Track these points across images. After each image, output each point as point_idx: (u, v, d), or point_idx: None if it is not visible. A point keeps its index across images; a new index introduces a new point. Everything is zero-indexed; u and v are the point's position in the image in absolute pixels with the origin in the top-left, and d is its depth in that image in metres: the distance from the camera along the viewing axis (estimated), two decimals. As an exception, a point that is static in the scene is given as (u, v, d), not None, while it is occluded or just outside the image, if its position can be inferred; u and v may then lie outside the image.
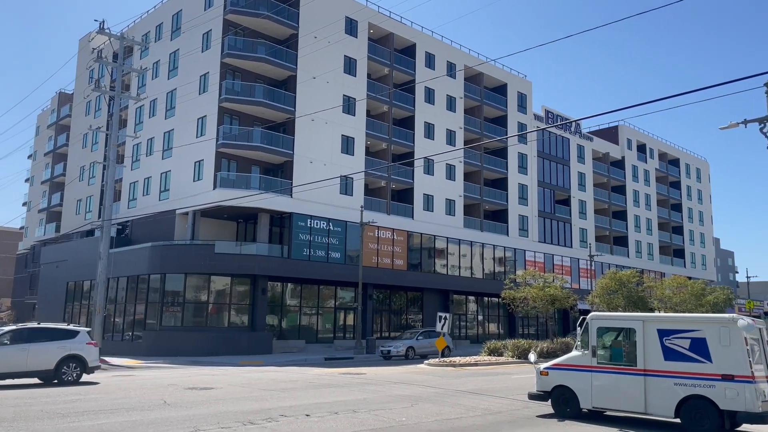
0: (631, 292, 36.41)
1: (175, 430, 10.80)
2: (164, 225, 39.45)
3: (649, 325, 12.26)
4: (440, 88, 49.34)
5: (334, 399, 15.27)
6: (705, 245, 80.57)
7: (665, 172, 74.88)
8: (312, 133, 40.28)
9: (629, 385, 12.15)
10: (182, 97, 40.99)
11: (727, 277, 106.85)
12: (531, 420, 12.75)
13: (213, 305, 36.64)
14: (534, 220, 56.33)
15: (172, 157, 41.27)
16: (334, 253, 40.77)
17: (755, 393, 10.86)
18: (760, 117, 19.39)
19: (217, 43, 39.16)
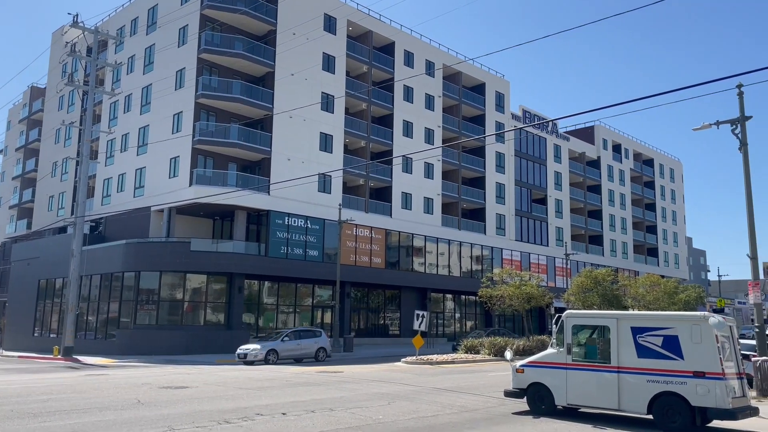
0: (606, 290, 36.88)
1: (150, 430, 10.66)
2: (139, 222, 38.94)
3: (623, 322, 12.41)
4: (419, 86, 49.43)
5: (311, 397, 15.21)
6: (678, 244, 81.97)
7: (640, 172, 75.98)
8: (290, 130, 40.07)
9: (603, 382, 12.29)
10: (158, 93, 40.46)
11: (699, 275, 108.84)
12: (507, 417, 12.84)
13: (188, 303, 36.27)
14: (511, 219, 56.77)
15: (147, 154, 40.73)
16: (312, 251, 40.62)
17: (726, 389, 11.06)
18: (732, 118, 19.78)
19: (194, 39, 38.72)
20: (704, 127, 20.76)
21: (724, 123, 20.08)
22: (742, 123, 19.51)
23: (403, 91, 48.43)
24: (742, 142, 19.45)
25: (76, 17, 29.65)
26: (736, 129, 19.61)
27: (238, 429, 10.88)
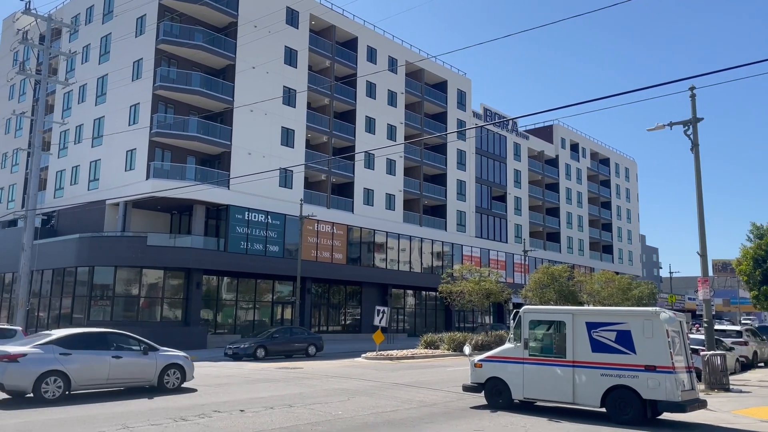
0: (563, 286, 37.65)
1: (104, 428, 10.43)
2: (93, 216, 37.93)
3: (578, 318, 12.68)
4: (382, 82, 49.43)
5: (270, 394, 15.10)
6: (632, 242, 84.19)
7: (596, 171, 77.69)
8: (251, 124, 39.58)
9: (558, 376, 12.54)
10: (114, 84, 39.43)
11: (652, 272, 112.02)
12: (465, 411, 12.99)
13: (145, 299, 35.54)
14: (471, 216, 57.36)
15: (102, 146, 39.69)
16: (273, 246, 40.28)
17: (675, 383, 11.41)
18: (685, 120, 20.36)
19: (152, 29, 37.84)
20: (658, 127, 21.30)
21: (677, 124, 20.63)
22: (694, 124, 20.09)
23: (366, 87, 48.36)
24: (694, 143, 20.04)
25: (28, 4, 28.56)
26: (689, 130, 20.19)
27: (195, 426, 10.73)
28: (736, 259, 27.95)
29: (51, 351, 14.04)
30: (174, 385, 15.88)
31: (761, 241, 26.08)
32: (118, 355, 15.07)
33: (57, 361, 13.89)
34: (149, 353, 15.83)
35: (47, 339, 14.50)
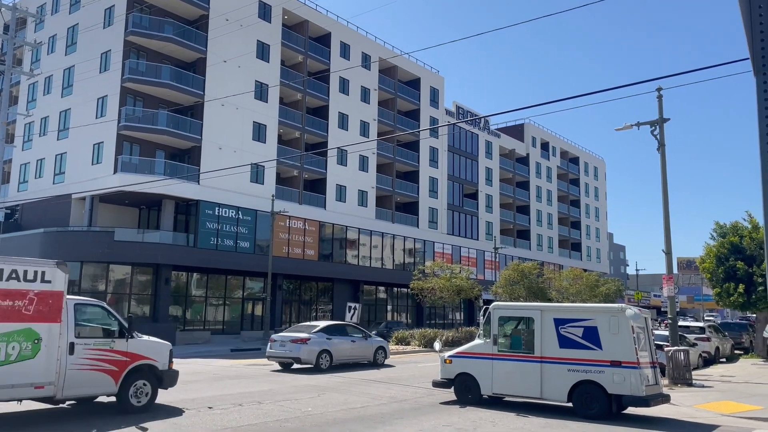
0: (532, 283, 38.14)
1: (71, 427, 10.21)
2: (59, 210, 37.12)
3: (547, 314, 12.85)
4: (355, 78, 49.31)
5: (239, 391, 14.98)
6: (600, 239, 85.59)
7: (566, 169, 78.75)
8: (222, 118, 39.13)
9: (527, 372, 12.69)
10: (81, 75, 38.59)
11: (619, 269, 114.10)
12: (434, 407, 13.06)
13: (111, 295, 34.90)
14: (443, 213, 57.65)
15: (68, 138, 38.83)
16: (243, 242, 39.92)
17: (640, 378, 11.64)
18: (652, 120, 20.75)
19: (121, 20, 37.12)
20: (626, 127, 21.68)
21: (644, 124, 21.03)
22: (660, 125, 20.49)
23: (339, 82, 48.19)
24: (660, 143, 20.44)
25: (-10, -9, 27.74)
26: (655, 130, 20.59)
27: (162, 424, 10.58)
28: (700, 257, 28.55)
29: (321, 336, 20.78)
30: (381, 361, 22.32)
31: (724, 239, 26.70)
32: (353, 339, 21.86)
33: (326, 343, 20.67)
34: (368, 339, 22.46)
35: (317, 328, 21.24)
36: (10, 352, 9.85)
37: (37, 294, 10.24)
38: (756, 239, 25.52)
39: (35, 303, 10.22)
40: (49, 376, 10.27)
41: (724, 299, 26.61)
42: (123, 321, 11.86)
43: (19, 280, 10.10)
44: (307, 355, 20.09)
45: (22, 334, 10.00)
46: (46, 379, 10.24)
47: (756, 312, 27.85)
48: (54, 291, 10.48)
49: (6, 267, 9.98)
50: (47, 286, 10.40)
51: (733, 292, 25.61)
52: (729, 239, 26.43)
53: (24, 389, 10.06)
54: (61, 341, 10.47)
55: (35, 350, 10.13)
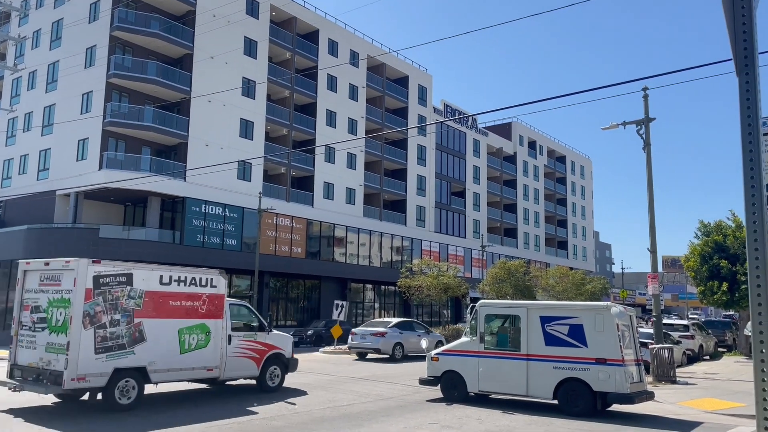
0: (519, 281, 38.30)
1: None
2: (43, 207, 36.73)
3: (533, 312, 12.91)
4: (343, 76, 49.21)
5: (225, 387, 14.91)
6: (586, 238, 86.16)
7: (553, 168, 79.16)
8: (209, 115, 38.90)
9: (513, 369, 12.75)
10: (66, 71, 38.19)
11: (605, 268, 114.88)
12: (421, 404, 13.08)
13: (97, 293, 34.59)
14: (431, 211, 57.74)
15: (52, 134, 38.43)
16: (230, 239, 39.73)
17: (624, 375, 11.74)
18: (638, 120, 20.90)
19: (107, 15, 36.76)
20: (612, 127, 21.82)
21: (630, 124, 21.17)
22: (646, 124, 20.64)
23: (327, 80, 48.06)
24: (646, 142, 20.60)
25: (-27, -16, 27.37)
26: (641, 129, 20.74)
27: (142, 421, 10.51)
28: (685, 256, 28.83)
29: (395, 331, 24.76)
30: None
31: (708, 238, 26.96)
32: (419, 334, 25.24)
33: (399, 336, 24.45)
34: (429, 333, 25.69)
35: (391, 324, 25.37)
36: (191, 342, 12.61)
37: (207, 296, 13.12)
38: (739, 238, 25.79)
39: (206, 303, 13.08)
40: (216, 361, 13.09)
41: (708, 297, 26.88)
42: (261, 318, 14.99)
43: (196, 285, 12.86)
44: (385, 346, 23.87)
45: (198, 328, 12.83)
46: (214, 364, 13.06)
47: (739, 310, 28.17)
48: (219, 294, 13.40)
49: (188, 275, 12.79)
50: (214, 290, 13.28)
51: (716, 290, 25.89)
52: (713, 238, 26.70)
53: (199, 371, 12.85)
54: (223, 334, 13.32)
55: (207, 341, 12.95)
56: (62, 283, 11.47)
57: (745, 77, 3.92)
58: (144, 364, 11.68)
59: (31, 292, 12.02)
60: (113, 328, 11.39)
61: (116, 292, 11.56)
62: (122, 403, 11.27)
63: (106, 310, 11.36)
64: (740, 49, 3.93)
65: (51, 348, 11.17)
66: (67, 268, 11.47)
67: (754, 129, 3.80)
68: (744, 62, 3.93)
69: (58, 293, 11.44)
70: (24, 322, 11.94)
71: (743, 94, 3.91)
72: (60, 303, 11.33)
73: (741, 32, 3.91)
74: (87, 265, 11.36)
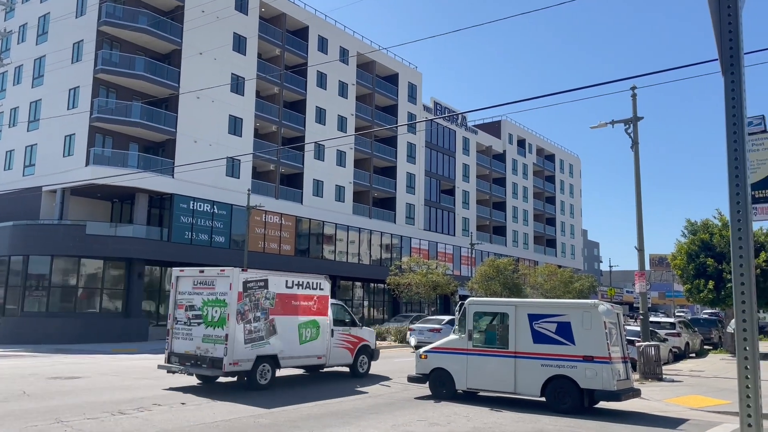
0: (508, 278, 38.47)
1: (36, 422, 10.04)
2: (28, 203, 36.39)
3: (521, 310, 12.96)
4: (332, 73, 49.08)
5: (213, 386, 14.85)
6: (574, 236, 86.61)
7: (542, 166, 79.47)
8: (197, 111, 38.67)
9: (501, 367, 12.79)
10: (52, 65, 37.81)
11: (593, 266, 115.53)
12: (409, 402, 13.10)
13: (83, 290, 34.37)
14: (420, 209, 57.80)
15: (39, 130, 38.05)
16: (219, 237, 39.56)
17: (611, 372, 11.81)
18: (626, 118, 21.02)
19: (94, 9, 36.43)
20: (600, 125, 21.93)
21: (619, 122, 21.29)
22: (634, 123, 20.77)
23: (317, 77, 47.93)
24: (634, 141, 20.72)
25: (-43, -23, 27.10)
26: (629, 128, 20.87)
27: (134, 420, 10.45)
28: (672, 254, 29.01)
29: (449, 327, 25.08)
30: None
31: (695, 236, 27.16)
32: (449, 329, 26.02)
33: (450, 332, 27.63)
34: None
35: (444, 321, 27.94)
36: (307, 335, 15.62)
37: (317, 297, 16.13)
38: (726, 237, 26.00)
39: (317, 303, 16.06)
40: (323, 351, 16.09)
41: (694, 295, 27.09)
42: (353, 315, 18.38)
43: (310, 288, 15.92)
44: (431, 338, 24.83)
45: (311, 323, 15.80)
46: (322, 353, 16.05)
47: (725, 308, 28.43)
48: (324, 295, 16.45)
49: (304, 280, 15.87)
50: (321, 292, 16.32)
51: (703, 288, 26.09)
52: (699, 236, 26.91)
53: (312, 359, 15.92)
54: (328, 328, 16.29)
55: (317, 334, 15.93)
56: (216, 287, 14.33)
57: (731, 76, 3.94)
58: (276, 353, 14.67)
59: (184, 294, 14.86)
60: (256, 323, 14.27)
61: (257, 294, 14.43)
62: (261, 383, 14.20)
63: (251, 308, 14.22)
64: (726, 48, 3.95)
65: (208, 339, 14.09)
66: (221, 275, 14.40)
67: (738, 128, 3.83)
68: (729, 62, 3.95)
69: (213, 295, 14.30)
70: (178, 318, 14.87)
71: (728, 93, 3.93)
72: (215, 303, 14.20)
73: (727, 32, 3.93)
74: (239, 273, 14.27)
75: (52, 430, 9.59)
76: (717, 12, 3.99)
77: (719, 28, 3.97)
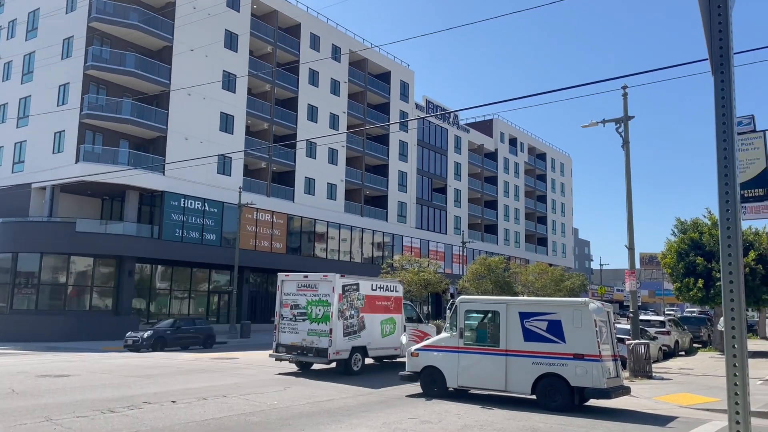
0: (499, 277, 38.57)
1: (25, 420, 9.97)
2: (18, 200, 36.14)
3: (512, 308, 12.99)
4: (325, 71, 48.99)
5: (204, 384, 14.81)
6: (565, 235, 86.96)
7: (533, 165, 79.70)
8: (188, 108, 38.50)
9: (492, 365, 12.82)
10: (42, 62, 37.54)
11: (584, 264, 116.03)
12: (401, 400, 13.11)
13: (73, 287, 34.18)
14: (412, 207, 57.83)
15: (28, 126, 37.77)
16: (210, 234, 39.43)
17: (601, 370, 11.86)
18: (617, 118, 21.11)
19: (84, 5, 36.19)
20: (591, 124, 22.00)
21: (610, 121, 21.37)
22: (625, 122, 20.85)
23: (309, 74, 47.83)
24: (625, 140, 20.81)
25: (-55, -29, 26.86)
26: (620, 128, 20.94)
27: (123, 418, 10.39)
28: (662, 253, 29.16)
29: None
30: None
31: (684, 235, 27.31)
32: None
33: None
34: None
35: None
36: (386, 330, 18.68)
37: (394, 298, 19.21)
38: (715, 235, 26.15)
39: (393, 303, 19.08)
40: (398, 344, 18.53)
41: (684, 294, 27.24)
42: (420, 314, 21.84)
43: (388, 290, 19.11)
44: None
45: (390, 321, 18.85)
46: (398, 345, 18.58)
47: (714, 306, 28.62)
48: (399, 296, 19.56)
49: (385, 283, 19.23)
50: (396, 294, 19.47)
51: (692, 286, 26.24)
52: (689, 235, 27.06)
53: (390, 350, 19.00)
54: (401, 324, 19.29)
55: (394, 329, 18.95)
56: (319, 289, 17.36)
57: (720, 76, 3.97)
58: (365, 344, 17.77)
59: (289, 295, 17.89)
60: (351, 320, 17.26)
61: (352, 296, 17.51)
62: (354, 369, 17.29)
63: (347, 307, 17.30)
64: (716, 48, 3.97)
65: (313, 332, 17.10)
66: (324, 280, 17.44)
67: (728, 128, 3.85)
68: (719, 62, 3.97)
69: (316, 296, 17.35)
70: (284, 315, 17.81)
71: (718, 93, 3.96)
72: (318, 303, 17.26)
73: (717, 32, 3.95)
74: (339, 278, 17.26)
75: (42, 428, 9.53)
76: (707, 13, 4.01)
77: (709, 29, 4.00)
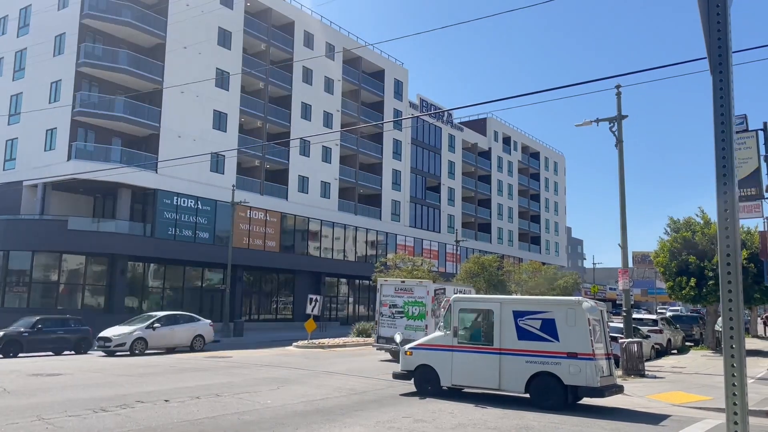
0: (492, 275, 38.66)
1: (16, 420, 9.89)
2: (9, 197, 35.88)
3: (506, 306, 12.99)
4: (319, 69, 48.88)
5: (197, 383, 14.75)
6: (558, 233, 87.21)
7: (527, 164, 79.87)
8: (181, 106, 38.32)
9: (486, 364, 12.82)
10: (34, 58, 37.27)
11: (576, 263, 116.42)
12: (395, 398, 13.09)
13: (64, 286, 33.98)
14: (406, 205, 57.83)
15: (19, 124, 37.50)
16: (203, 232, 39.29)
17: (595, 369, 11.88)
18: (610, 117, 21.14)
19: (76, 2, 35.97)
20: (585, 123, 22.03)
21: (603, 121, 21.39)
22: (618, 121, 20.89)
23: (303, 72, 47.71)
24: (618, 139, 20.85)
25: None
26: (614, 127, 20.98)
27: (116, 417, 10.33)
28: (654, 252, 29.26)
29: None
30: None
31: (677, 234, 27.41)
32: None
33: None
34: None
35: None
36: None
37: None
38: (708, 235, 26.28)
39: None
40: None
41: (676, 292, 27.34)
42: None
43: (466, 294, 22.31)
44: None
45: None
46: None
47: (706, 305, 28.75)
48: None
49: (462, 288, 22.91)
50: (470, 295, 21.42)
51: (685, 285, 26.35)
52: (682, 234, 27.15)
53: None
54: None
55: None
56: (414, 292, 21.38)
57: (719, 75, 3.96)
58: None
59: (388, 296, 21.84)
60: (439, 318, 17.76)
61: (440, 298, 20.11)
62: None
63: (438, 307, 20.01)
64: (714, 48, 3.96)
65: (410, 328, 20.75)
66: (420, 285, 21.76)
67: (727, 127, 3.84)
68: (718, 61, 3.97)
69: (412, 298, 21.36)
70: (383, 313, 21.78)
71: (717, 92, 3.95)
72: (414, 303, 21.27)
73: (715, 31, 3.94)
74: (431, 284, 21.60)
75: (33, 427, 9.45)
76: (705, 12, 4.00)
77: (708, 28, 3.99)
